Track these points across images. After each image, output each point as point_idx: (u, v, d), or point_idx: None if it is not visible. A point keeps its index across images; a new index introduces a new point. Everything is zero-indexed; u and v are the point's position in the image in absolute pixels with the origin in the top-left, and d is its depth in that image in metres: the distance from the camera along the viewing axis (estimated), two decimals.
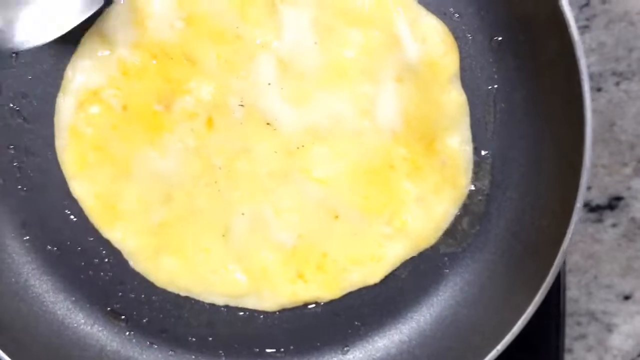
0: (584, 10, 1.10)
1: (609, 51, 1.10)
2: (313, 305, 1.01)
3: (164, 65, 0.96)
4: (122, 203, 0.98)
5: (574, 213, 0.87)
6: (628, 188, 1.13)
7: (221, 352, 1.02)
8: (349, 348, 1.01)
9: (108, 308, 1.01)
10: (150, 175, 0.98)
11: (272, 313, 1.01)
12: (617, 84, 1.11)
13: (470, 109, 0.97)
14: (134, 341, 1.02)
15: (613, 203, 1.13)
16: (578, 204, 0.86)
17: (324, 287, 1.00)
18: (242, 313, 1.01)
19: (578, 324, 1.15)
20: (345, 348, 1.01)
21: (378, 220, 0.99)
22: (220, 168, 0.98)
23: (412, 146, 0.97)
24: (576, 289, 1.14)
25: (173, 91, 0.96)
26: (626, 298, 1.15)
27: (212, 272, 0.99)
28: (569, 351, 1.14)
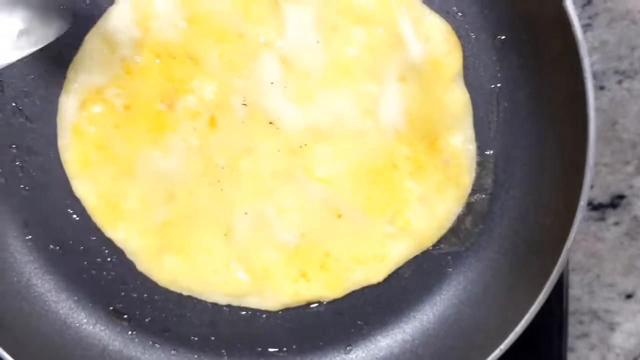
0: (586, 8, 1.10)
1: (611, 50, 1.10)
2: (316, 304, 1.01)
3: (167, 64, 0.96)
4: (125, 202, 0.98)
5: (578, 212, 0.87)
6: (630, 186, 1.13)
7: (223, 352, 1.01)
8: (352, 347, 1.01)
9: (110, 307, 1.01)
10: (152, 174, 0.98)
11: (275, 312, 1.01)
12: (620, 83, 1.11)
13: (473, 108, 0.97)
14: (137, 340, 1.02)
15: (615, 201, 1.13)
16: (582, 203, 0.86)
17: (327, 287, 1.00)
18: (245, 312, 1.01)
19: (580, 323, 1.15)
20: (348, 347, 1.01)
21: (381, 219, 0.98)
22: (222, 167, 0.98)
23: (415, 145, 0.97)
24: (579, 288, 1.14)
25: (176, 90, 0.96)
26: (628, 297, 1.15)
27: (215, 272, 0.99)
28: (572, 350, 1.15)
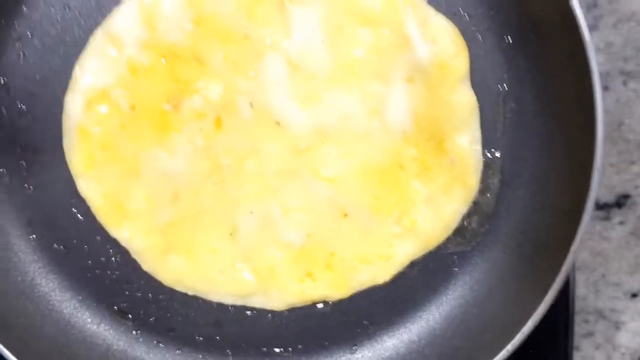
0: (592, 10, 1.10)
1: (617, 51, 1.11)
2: (321, 304, 1.01)
3: (173, 65, 0.96)
4: (130, 202, 0.98)
5: (585, 213, 0.87)
6: (636, 186, 1.13)
7: (228, 352, 1.01)
8: (358, 347, 1.01)
9: (115, 307, 1.01)
10: (158, 174, 0.98)
11: (280, 312, 1.01)
12: (625, 84, 1.11)
13: (480, 109, 0.97)
14: (141, 340, 1.01)
15: (621, 201, 1.14)
16: (589, 204, 0.86)
17: (333, 286, 1.00)
18: (250, 312, 1.01)
19: (586, 322, 1.15)
20: (353, 347, 1.01)
21: (387, 219, 0.99)
22: (228, 167, 0.98)
23: (422, 146, 0.97)
24: (584, 287, 1.15)
25: (182, 91, 0.96)
26: (634, 296, 1.15)
27: (220, 272, 0.99)
28: (577, 349, 1.15)
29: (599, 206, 1.14)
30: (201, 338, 1.01)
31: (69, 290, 1.01)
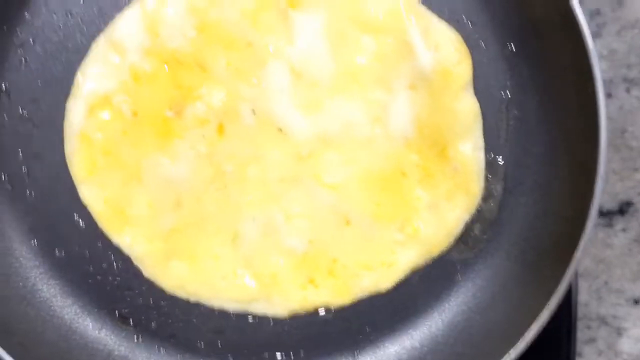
0: (595, 17, 1.10)
1: (620, 58, 1.11)
2: (324, 311, 1.01)
3: (176, 71, 0.96)
4: (132, 208, 0.98)
5: (588, 220, 0.87)
6: (639, 194, 1.13)
7: (230, 358, 1.01)
8: (360, 354, 1.01)
9: (116, 313, 1.01)
10: (160, 181, 0.97)
11: (282, 319, 1.00)
12: (628, 91, 1.11)
13: (483, 116, 0.97)
14: (142, 346, 1.01)
15: (624, 208, 1.14)
16: (593, 212, 0.86)
17: (335, 293, 0.99)
18: (252, 318, 1.01)
19: (588, 328, 1.15)
20: (355, 354, 1.01)
21: (390, 226, 0.98)
22: (231, 174, 0.97)
23: (425, 153, 0.97)
24: (587, 294, 1.15)
25: (184, 97, 0.96)
26: (636, 302, 1.15)
27: (222, 278, 0.99)
28: (579, 355, 1.15)
29: (602, 213, 1.14)
30: (203, 344, 1.01)
31: (71, 296, 1.00)
